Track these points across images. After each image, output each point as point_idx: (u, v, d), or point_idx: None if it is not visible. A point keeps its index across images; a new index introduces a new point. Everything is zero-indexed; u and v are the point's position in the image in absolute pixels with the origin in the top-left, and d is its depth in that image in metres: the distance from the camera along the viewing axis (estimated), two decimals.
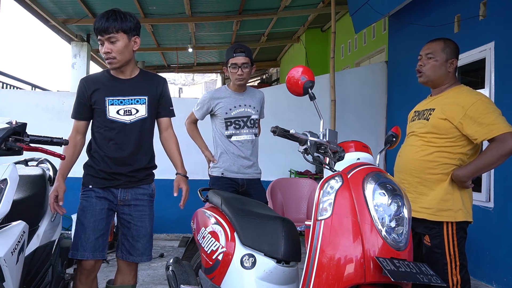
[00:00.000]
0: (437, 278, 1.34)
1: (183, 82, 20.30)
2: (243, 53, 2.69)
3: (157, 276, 3.51)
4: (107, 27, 1.92)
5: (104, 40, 1.95)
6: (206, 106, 2.81)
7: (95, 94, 2.03)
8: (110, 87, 2.06)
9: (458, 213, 1.99)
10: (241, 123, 2.75)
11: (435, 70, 2.11)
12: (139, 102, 2.09)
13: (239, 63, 2.68)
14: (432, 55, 2.11)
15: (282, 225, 1.76)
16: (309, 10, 7.16)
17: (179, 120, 5.04)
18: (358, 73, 5.71)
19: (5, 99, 4.94)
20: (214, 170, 2.81)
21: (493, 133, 1.89)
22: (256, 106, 2.81)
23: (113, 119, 2.03)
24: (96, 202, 2.04)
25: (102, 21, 1.92)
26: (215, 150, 2.86)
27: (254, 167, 2.80)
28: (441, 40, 2.14)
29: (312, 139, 1.55)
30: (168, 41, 8.96)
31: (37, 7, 6.26)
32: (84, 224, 2.01)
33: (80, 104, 2.07)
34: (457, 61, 2.13)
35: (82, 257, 1.99)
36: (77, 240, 2.00)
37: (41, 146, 1.61)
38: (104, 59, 2.01)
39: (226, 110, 2.74)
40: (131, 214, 2.10)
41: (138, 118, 2.08)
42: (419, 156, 2.09)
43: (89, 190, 2.06)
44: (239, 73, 2.69)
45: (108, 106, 2.03)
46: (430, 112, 2.10)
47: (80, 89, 2.06)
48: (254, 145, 2.81)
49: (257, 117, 2.82)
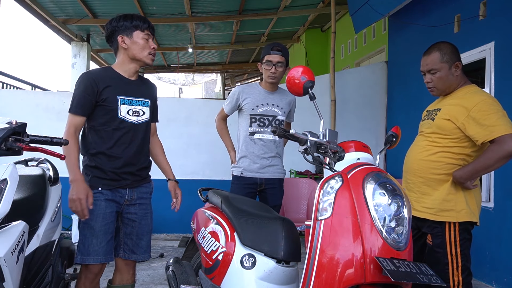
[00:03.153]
0: (437, 278, 1.34)
1: (183, 82, 20.28)
2: (279, 52, 2.70)
3: (157, 276, 3.51)
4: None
5: (149, 37, 2.08)
6: (235, 99, 2.81)
7: (106, 91, 2.00)
8: (121, 86, 2.05)
9: (460, 213, 1.97)
10: (266, 122, 2.73)
11: (443, 81, 2.07)
12: (145, 104, 2.13)
13: (274, 61, 2.69)
14: (434, 70, 2.07)
15: (282, 225, 1.76)
16: (309, 10, 7.16)
17: (179, 120, 5.07)
18: (358, 73, 5.71)
19: (5, 99, 4.94)
20: (235, 169, 2.82)
21: (493, 135, 1.86)
22: (284, 107, 2.78)
23: (124, 119, 2.03)
24: (106, 205, 2.01)
25: (142, 20, 2.07)
26: (238, 147, 2.84)
27: (275, 166, 2.76)
28: (436, 50, 2.08)
29: (312, 139, 1.55)
30: (168, 41, 8.96)
31: (37, 7, 6.26)
32: (95, 228, 1.98)
33: (85, 99, 1.97)
34: (461, 62, 2.09)
35: (95, 262, 1.98)
36: (87, 245, 1.98)
37: (41, 146, 1.61)
38: (149, 53, 2.07)
39: (253, 106, 2.73)
40: (136, 213, 2.12)
41: (144, 120, 2.12)
42: (423, 156, 2.08)
43: (97, 193, 2.00)
44: (272, 71, 2.70)
45: (120, 105, 2.02)
46: (436, 112, 2.10)
47: (88, 83, 1.98)
48: (277, 146, 2.77)
49: (283, 118, 2.78)
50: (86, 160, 2.06)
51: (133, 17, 2.05)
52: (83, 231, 2.01)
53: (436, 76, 2.08)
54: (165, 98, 5.49)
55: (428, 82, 2.12)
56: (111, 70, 2.09)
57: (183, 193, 2.30)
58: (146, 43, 2.05)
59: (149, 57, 2.07)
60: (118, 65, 2.10)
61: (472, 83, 2.11)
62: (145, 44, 2.05)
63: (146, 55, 2.06)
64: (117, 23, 2.04)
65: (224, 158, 4.96)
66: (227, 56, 10.83)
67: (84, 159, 2.07)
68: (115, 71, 2.08)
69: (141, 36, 2.04)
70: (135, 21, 2.04)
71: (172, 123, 5.03)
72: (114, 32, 2.05)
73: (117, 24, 2.04)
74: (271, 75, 2.71)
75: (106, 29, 2.10)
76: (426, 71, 2.11)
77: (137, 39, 2.04)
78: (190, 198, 2.24)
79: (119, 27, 2.04)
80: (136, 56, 2.05)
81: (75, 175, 1.91)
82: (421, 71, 2.16)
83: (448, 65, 2.05)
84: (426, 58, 2.11)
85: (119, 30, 2.04)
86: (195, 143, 5.08)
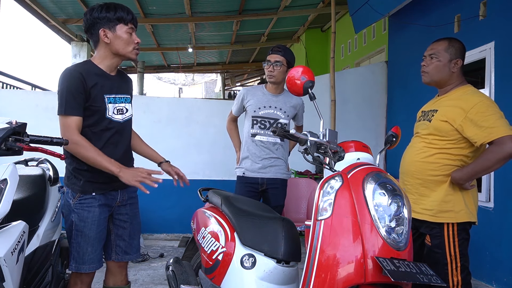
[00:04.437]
0: (437, 278, 1.34)
1: (183, 82, 20.30)
2: (279, 52, 2.72)
3: (157, 276, 3.51)
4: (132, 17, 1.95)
5: (133, 30, 1.94)
6: (240, 101, 2.85)
7: (93, 90, 1.85)
8: (106, 84, 1.92)
9: (459, 214, 1.97)
10: (267, 124, 2.74)
11: (438, 70, 2.09)
12: (127, 100, 2.02)
13: (272, 60, 2.72)
14: (435, 55, 2.09)
15: (282, 225, 1.76)
16: (309, 10, 7.16)
17: (179, 120, 5.07)
18: (358, 73, 5.71)
19: (5, 99, 4.94)
20: (238, 169, 2.85)
21: (492, 136, 1.86)
22: (288, 111, 2.77)
23: (111, 118, 1.92)
24: (100, 211, 1.92)
25: (126, 11, 1.92)
26: (242, 148, 2.87)
27: (277, 167, 2.76)
28: (446, 40, 2.11)
29: (312, 139, 1.55)
30: (168, 41, 8.95)
31: (37, 7, 6.26)
32: (90, 236, 1.89)
33: (78, 97, 1.82)
34: (463, 61, 2.10)
35: (91, 270, 1.92)
36: (82, 254, 1.89)
37: (41, 146, 1.61)
38: (134, 49, 1.94)
39: (255, 108, 2.75)
40: (128, 213, 2.07)
41: (128, 117, 2.03)
42: (420, 158, 2.08)
43: (90, 198, 1.90)
44: (270, 70, 2.72)
45: (107, 104, 1.91)
46: (433, 113, 2.09)
47: (77, 80, 1.82)
48: (278, 148, 2.76)
49: (286, 121, 2.77)
50: (74, 163, 1.90)
51: (116, 8, 1.89)
52: (77, 238, 1.90)
53: (433, 61, 2.10)
54: (165, 98, 5.50)
55: (424, 65, 2.14)
56: (93, 65, 1.92)
57: (183, 193, 2.28)
58: (130, 38, 1.91)
59: (133, 52, 1.94)
60: (99, 59, 1.94)
61: (469, 84, 2.12)
62: (128, 38, 1.91)
63: (130, 51, 1.92)
64: (99, 14, 1.87)
65: (224, 158, 5.00)
66: (227, 56, 10.84)
67: (71, 162, 1.91)
68: (97, 67, 1.92)
69: (124, 30, 1.89)
70: (118, 13, 1.88)
71: (172, 123, 5.02)
72: (95, 24, 1.88)
73: (98, 16, 1.87)
74: (269, 74, 2.74)
75: (86, 19, 1.91)
76: (428, 55, 2.13)
77: (120, 33, 1.88)
78: (190, 198, 2.23)
79: (100, 19, 1.87)
80: (119, 52, 1.91)
81: (116, 165, 1.82)
82: (423, 55, 2.17)
83: (449, 57, 2.07)
84: (433, 43, 2.14)
85: (101, 23, 1.87)
86: (195, 143, 5.08)
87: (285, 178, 2.81)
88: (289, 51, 2.80)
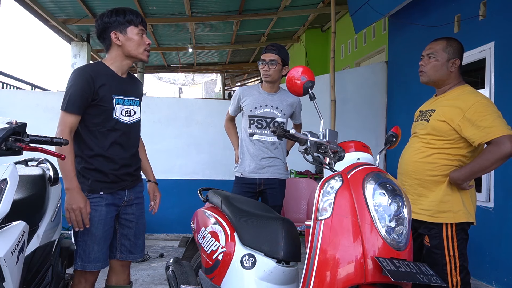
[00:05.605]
0: (437, 278, 1.34)
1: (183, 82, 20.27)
2: (273, 51, 2.72)
3: (157, 276, 3.51)
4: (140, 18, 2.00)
5: (143, 32, 2.00)
6: (236, 100, 2.84)
7: (101, 90, 1.90)
8: (115, 84, 1.97)
9: (458, 214, 1.98)
10: (263, 123, 2.74)
11: (436, 69, 2.09)
12: (135, 103, 2.07)
13: (266, 59, 2.71)
14: (433, 55, 2.09)
15: (282, 225, 1.76)
16: (309, 10, 7.16)
17: (179, 120, 5.07)
18: (358, 73, 5.71)
19: (5, 99, 4.94)
20: (236, 170, 2.84)
21: (490, 136, 1.86)
22: (285, 109, 2.77)
23: (118, 119, 1.96)
24: (107, 210, 1.96)
25: (135, 14, 1.99)
26: (240, 148, 2.86)
27: (275, 167, 2.75)
28: (444, 40, 2.12)
29: (312, 139, 1.55)
30: (168, 41, 8.95)
31: (37, 7, 6.26)
32: (97, 235, 1.94)
33: (82, 97, 1.86)
34: (461, 61, 2.10)
35: (97, 268, 1.96)
36: (88, 252, 1.93)
37: (41, 146, 1.61)
38: (145, 50, 2.00)
39: (251, 107, 2.75)
40: (134, 213, 2.10)
41: (136, 119, 2.06)
42: (418, 158, 2.08)
43: (98, 197, 1.94)
44: (265, 69, 2.72)
45: (115, 105, 1.95)
46: (431, 113, 2.09)
47: (84, 80, 1.87)
48: (277, 147, 2.76)
49: (283, 120, 2.76)
50: (82, 162, 1.94)
51: (125, 12, 1.96)
52: (83, 237, 1.95)
53: (431, 61, 2.10)
54: (165, 98, 5.50)
55: (422, 65, 2.14)
56: (104, 66, 1.98)
57: (183, 193, 2.30)
58: (141, 39, 1.97)
59: (144, 53, 2.00)
60: (111, 60, 1.99)
61: (466, 83, 2.12)
62: (139, 40, 1.97)
63: (141, 52, 1.99)
64: (109, 18, 1.94)
65: (224, 158, 5.01)
66: (227, 56, 10.83)
67: (79, 161, 1.95)
68: (108, 68, 1.98)
69: (135, 32, 1.96)
70: (128, 16, 1.95)
71: (172, 123, 5.02)
72: (107, 28, 1.95)
73: (109, 20, 1.94)
74: (264, 73, 2.74)
75: (97, 25, 1.98)
76: (426, 54, 2.13)
77: (131, 35, 1.95)
78: (190, 198, 2.23)
79: (111, 23, 1.94)
80: (131, 53, 1.97)
81: (71, 182, 1.84)
82: (421, 55, 2.17)
83: (447, 57, 2.07)
84: (432, 43, 2.14)
85: (112, 26, 1.94)
86: (195, 143, 5.08)
87: (283, 178, 2.81)
88: (283, 49, 2.79)
